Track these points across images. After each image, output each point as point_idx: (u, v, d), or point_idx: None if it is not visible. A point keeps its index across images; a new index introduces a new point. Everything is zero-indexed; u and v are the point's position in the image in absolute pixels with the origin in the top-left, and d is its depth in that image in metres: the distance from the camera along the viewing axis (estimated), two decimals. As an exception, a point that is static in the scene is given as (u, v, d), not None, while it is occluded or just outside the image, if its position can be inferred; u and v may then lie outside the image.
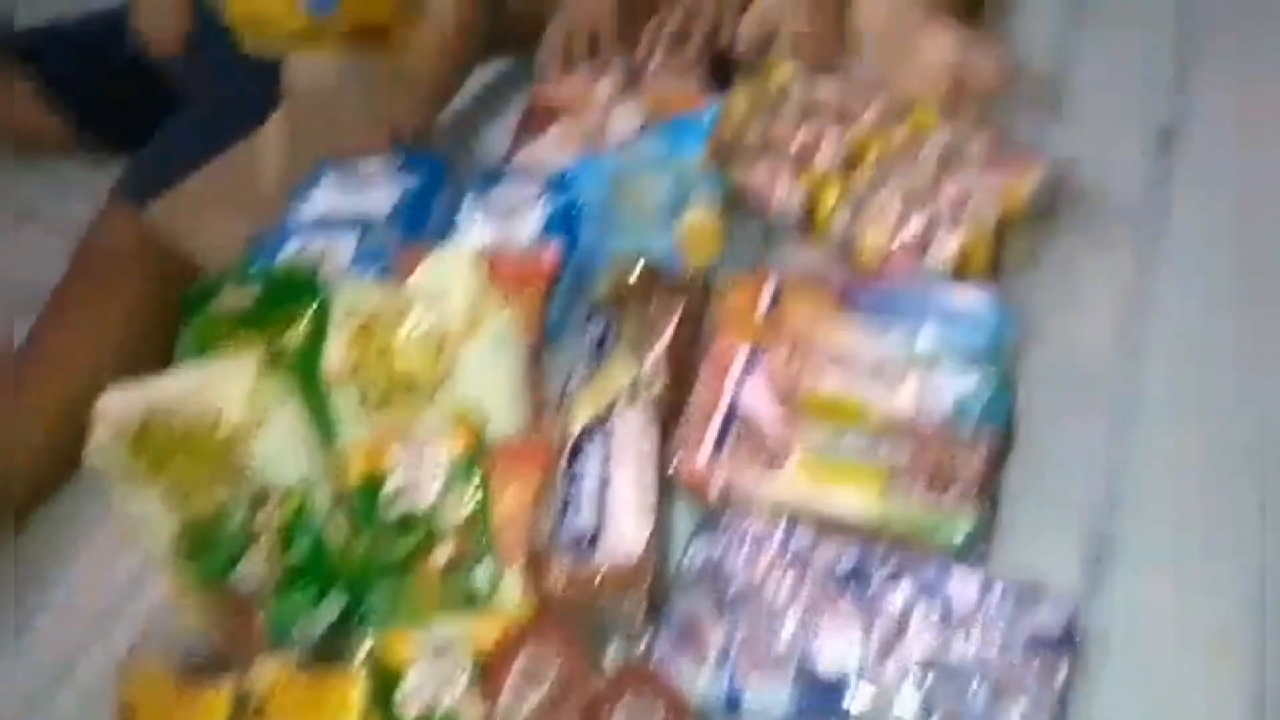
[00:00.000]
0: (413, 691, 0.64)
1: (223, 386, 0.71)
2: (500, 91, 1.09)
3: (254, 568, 0.71)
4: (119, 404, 0.72)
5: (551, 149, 0.93)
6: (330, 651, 0.68)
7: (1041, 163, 0.77)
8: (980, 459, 0.65)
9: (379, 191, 0.94)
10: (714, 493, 0.68)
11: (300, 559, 0.71)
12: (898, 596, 0.60)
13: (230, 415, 0.70)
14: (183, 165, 0.97)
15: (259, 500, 0.72)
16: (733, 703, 0.59)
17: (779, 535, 0.64)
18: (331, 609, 0.71)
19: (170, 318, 0.79)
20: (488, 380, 0.73)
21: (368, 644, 0.66)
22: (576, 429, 0.70)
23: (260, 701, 0.66)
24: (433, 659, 0.64)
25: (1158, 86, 0.86)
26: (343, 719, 0.64)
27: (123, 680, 0.70)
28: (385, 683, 0.64)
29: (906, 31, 0.85)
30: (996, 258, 0.76)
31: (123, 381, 0.72)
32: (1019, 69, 0.85)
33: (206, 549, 0.72)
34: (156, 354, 0.77)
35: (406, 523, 0.68)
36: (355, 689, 0.64)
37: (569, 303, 0.82)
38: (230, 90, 1.04)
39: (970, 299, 0.72)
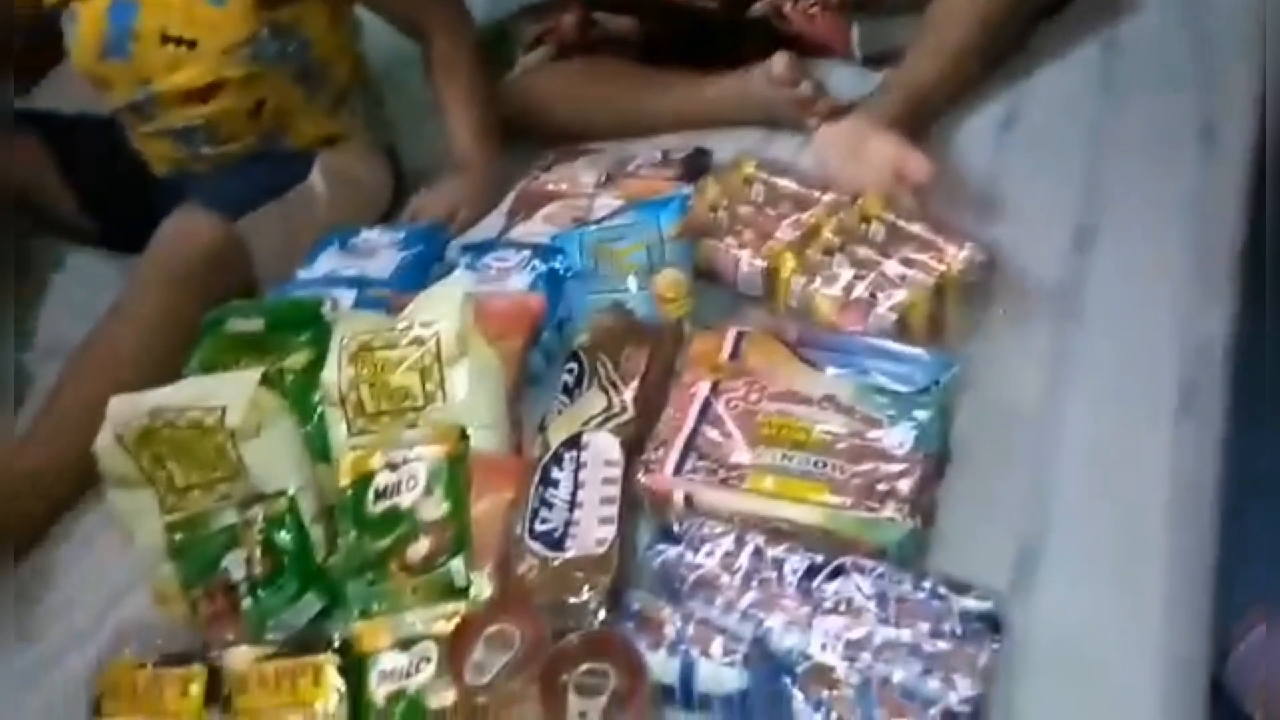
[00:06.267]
0: (384, 675, 0.68)
1: (225, 394, 0.78)
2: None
3: (237, 565, 0.75)
4: (126, 406, 0.78)
5: (539, 227, 1.04)
6: (308, 645, 0.71)
7: (974, 242, 0.88)
8: (916, 478, 0.71)
9: (380, 258, 1.03)
10: (676, 505, 0.74)
11: (282, 558, 0.75)
12: (838, 588, 0.66)
13: (230, 420, 0.76)
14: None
15: (248, 502, 0.77)
16: (687, 680, 0.63)
17: (732, 539, 0.70)
18: (311, 606, 0.74)
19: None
20: (472, 402, 0.79)
21: (341, 632, 0.70)
22: (552, 446, 0.76)
23: (234, 682, 0.69)
24: (404, 645, 0.68)
25: (1076, 190, 0.97)
26: (316, 700, 0.67)
27: (100, 671, 0.73)
28: (358, 667, 0.68)
29: (857, 139, 0.98)
30: (936, 319, 0.85)
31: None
32: (954, 170, 0.97)
33: (194, 546, 0.76)
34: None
35: (389, 518, 0.73)
36: (328, 671, 0.68)
37: (551, 352, 0.90)
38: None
39: (911, 349, 0.80)
